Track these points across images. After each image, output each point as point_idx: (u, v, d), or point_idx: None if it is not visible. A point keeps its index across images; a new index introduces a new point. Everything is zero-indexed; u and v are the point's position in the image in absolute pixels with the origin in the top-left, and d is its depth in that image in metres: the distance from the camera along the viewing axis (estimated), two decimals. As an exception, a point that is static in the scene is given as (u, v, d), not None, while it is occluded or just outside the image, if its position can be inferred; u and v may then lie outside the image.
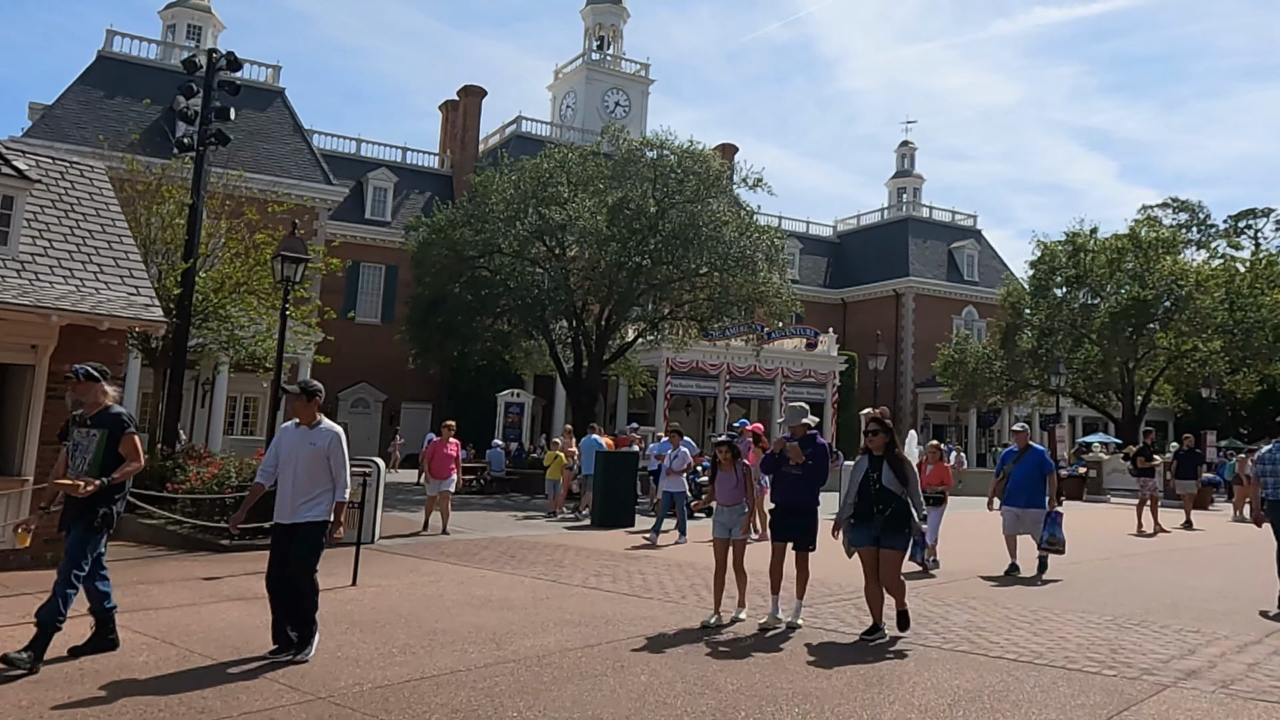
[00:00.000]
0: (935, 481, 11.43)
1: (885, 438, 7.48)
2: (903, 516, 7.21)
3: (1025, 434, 11.62)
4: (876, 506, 7.26)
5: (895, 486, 7.24)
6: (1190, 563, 12.79)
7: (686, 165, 25.13)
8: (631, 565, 11.04)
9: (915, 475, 7.48)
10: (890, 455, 7.41)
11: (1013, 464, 11.46)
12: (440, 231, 25.34)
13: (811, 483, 7.81)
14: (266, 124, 39.20)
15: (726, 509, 8.03)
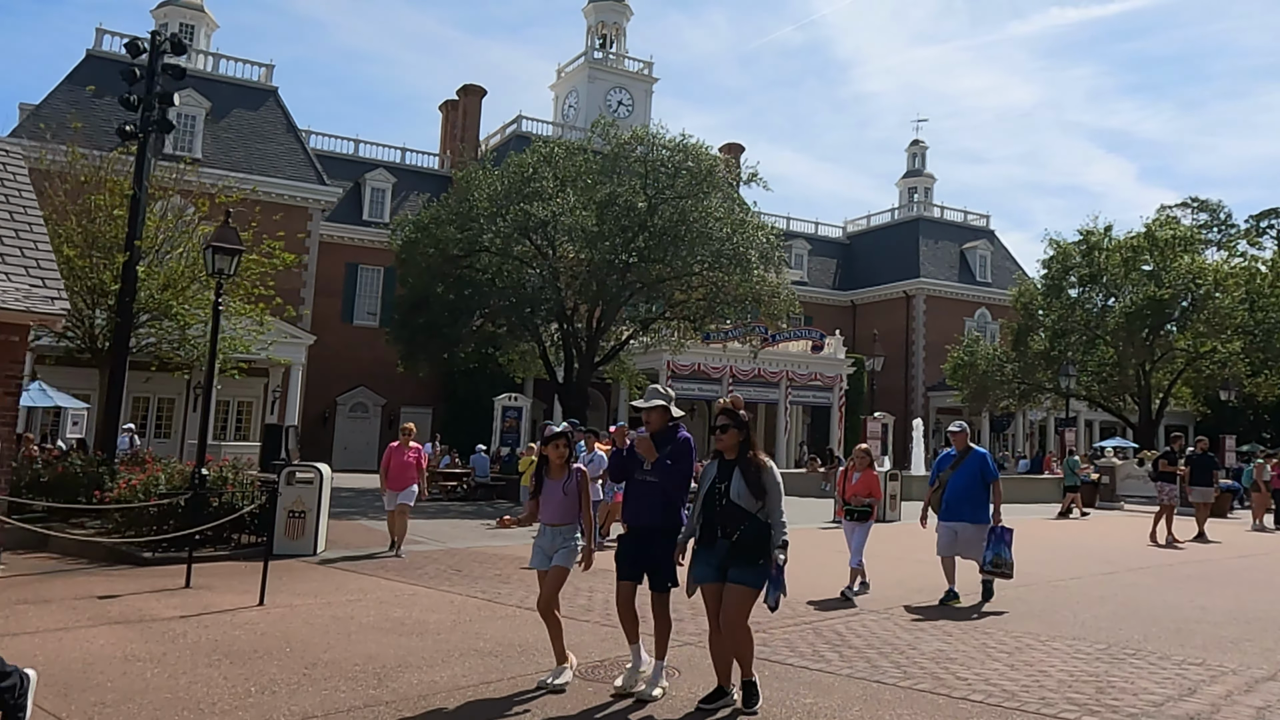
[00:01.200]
0: (862, 492, 9.93)
1: (738, 435, 5.50)
2: (756, 542, 5.36)
3: (964, 434, 9.74)
4: (722, 528, 5.40)
5: (747, 501, 5.38)
6: (1202, 578, 11.74)
7: (678, 160, 24.26)
8: (585, 581, 10.11)
9: (777, 486, 5.48)
10: (744, 460, 5.46)
11: (950, 470, 9.56)
12: (425, 230, 24.54)
13: (669, 494, 5.76)
14: (259, 123, 38.61)
15: (551, 529, 6.07)
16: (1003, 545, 9.30)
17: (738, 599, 5.34)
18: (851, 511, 10.01)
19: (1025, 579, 11.01)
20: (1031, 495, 28.57)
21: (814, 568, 11.37)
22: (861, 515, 9.93)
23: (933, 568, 9.99)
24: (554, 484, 6.11)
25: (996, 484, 9.44)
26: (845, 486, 10.14)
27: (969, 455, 9.55)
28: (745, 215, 24.48)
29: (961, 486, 9.40)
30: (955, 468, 9.52)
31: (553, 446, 6.20)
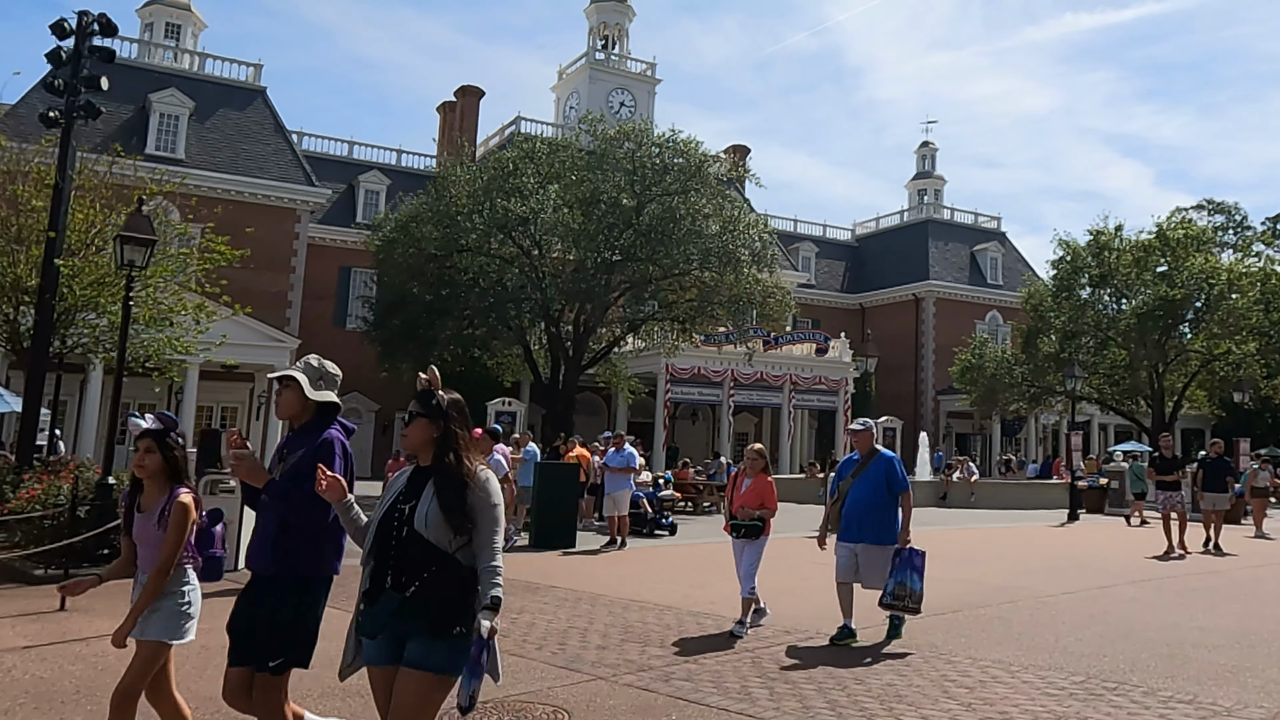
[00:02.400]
0: (752, 503, 8.11)
1: (430, 430, 3.46)
2: (446, 601, 3.28)
3: (869, 434, 7.89)
4: (394, 574, 3.32)
5: (439, 533, 3.30)
6: (1207, 593, 10.70)
7: (667, 156, 23.40)
8: (522, 600, 9.20)
9: (493, 510, 3.38)
10: (442, 469, 3.39)
11: (851, 479, 7.75)
12: (404, 228, 23.74)
13: (290, 523, 3.85)
14: (246, 123, 37.96)
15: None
16: (910, 572, 7.35)
17: (413, 694, 3.23)
18: (739, 527, 8.09)
19: (1011, 594, 10.03)
20: (1040, 501, 27.46)
21: (781, 588, 10.40)
22: (750, 532, 8.11)
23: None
24: (146, 516, 4.06)
25: (906, 496, 7.65)
26: (733, 496, 8.38)
27: (874, 461, 7.73)
28: (737, 212, 23.52)
29: (863, 499, 7.56)
30: (857, 475, 7.70)
31: (141, 453, 4.06)
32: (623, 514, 14.12)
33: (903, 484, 7.69)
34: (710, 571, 11.51)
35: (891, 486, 7.62)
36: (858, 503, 7.60)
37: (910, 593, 7.33)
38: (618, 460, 14.22)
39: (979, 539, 17.10)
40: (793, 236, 57.58)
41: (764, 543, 8.34)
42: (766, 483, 8.31)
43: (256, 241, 36.49)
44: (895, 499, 7.62)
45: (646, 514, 16.15)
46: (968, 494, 27.24)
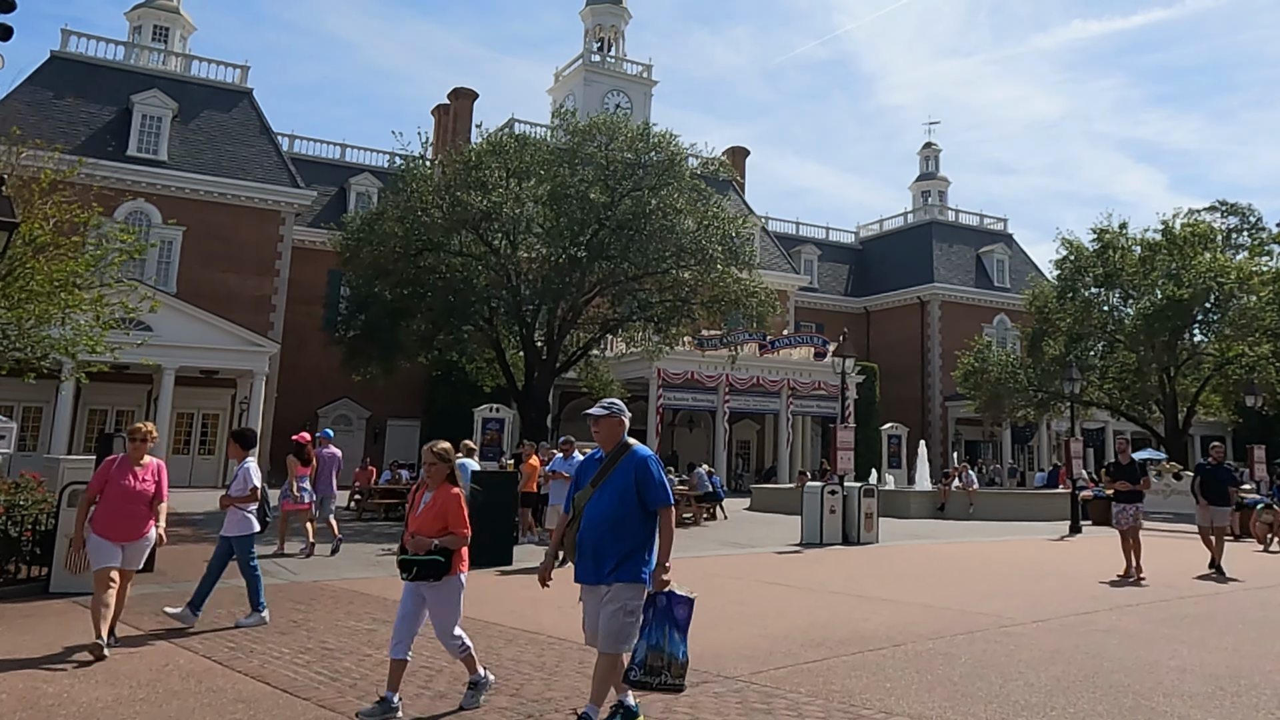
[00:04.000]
0: (429, 528, 5.54)
1: None
2: None
3: (614, 422, 5.20)
4: None
5: None
6: (1201, 620, 9.45)
7: (639, 149, 22.34)
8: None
9: None
10: None
11: (590, 487, 5.17)
12: (369, 226, 22.75)
13: None
14: (231, 125, 37.23)
15: None
16: (668, 630, 4.77)
17: None
18: (409, 564, 5.45)
19: (972, 623, 8.82)
20: (1043, 512, 26.09)
21: (718, 612, 9.23)
22: (427, 570, 5.42)
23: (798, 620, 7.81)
24: None
25: (666, 514, 5.05)
26: (409, 518, 5.78)
27: (621, 461, 5.10)
28: (714, 209, 22.38)
29: (603, 517, 5.01)
30: (598, 484, 5.11)
31: None
32: (566, 528, 12.96)
33: (659, 495, 5.03)
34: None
35: (644, 499, 5.00)
36: (595, 523, 5.01)
37: (670, 661, 4.78)
38: (564, 467, 13.09)
39: (964, 555, 15.87)
40: (795, 239, 56.37)
41: (455, 587, 5.63)
42: (452, 497, 5.63)
43: (240, 244, 35.95)
44: (650, 517, 5.05)
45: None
46: (966, 504, 25.90)
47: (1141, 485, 13.42)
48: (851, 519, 17.14)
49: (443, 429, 36.45)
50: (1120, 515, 13.30)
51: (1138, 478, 13.40)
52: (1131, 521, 13.05)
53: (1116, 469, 13.73)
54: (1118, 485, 13.46)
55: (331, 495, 14.41)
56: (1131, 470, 13.50)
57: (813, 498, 16.99)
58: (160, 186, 34.63)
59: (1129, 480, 13.37)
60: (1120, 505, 13.34)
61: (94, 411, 33.48)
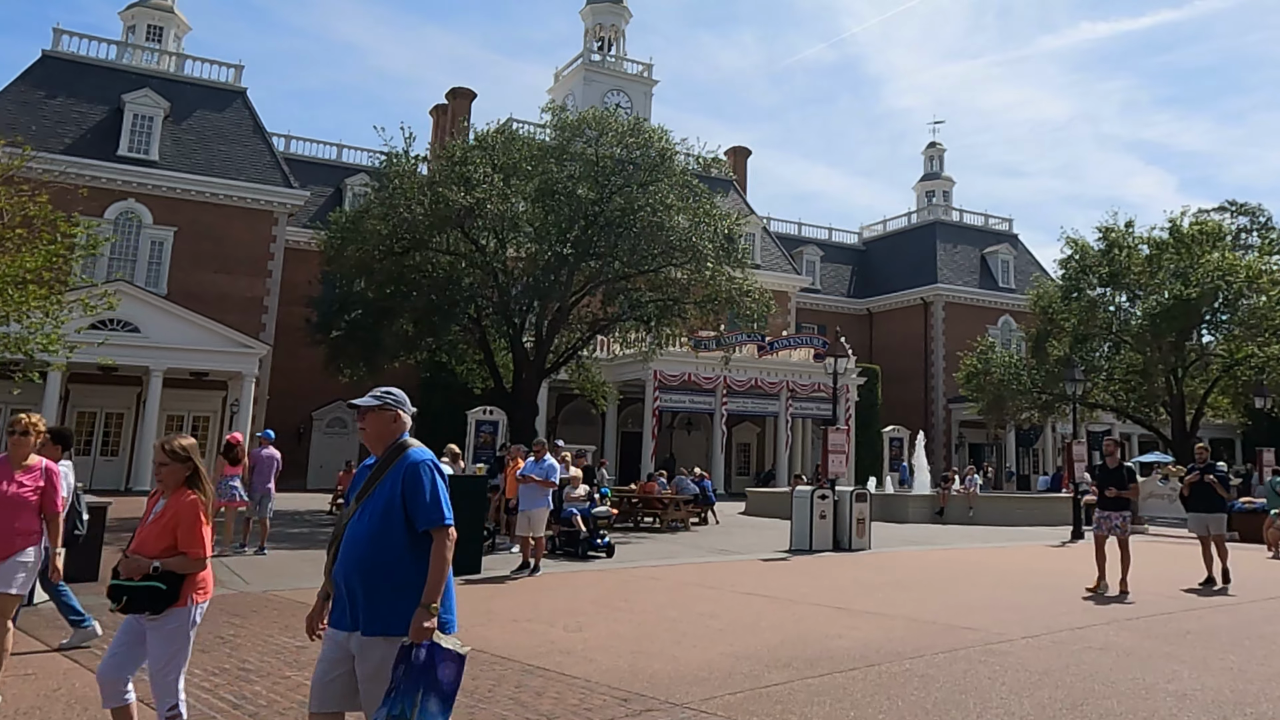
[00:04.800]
0: (153, 546, 4.34)
1: None
2: None
3: (386, 419, 3.92)
4: None
5: None
6: (1203, 637, 8.81)
7: (629, 144, 21.79)
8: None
9: None
10: None
11: (356, 502, 3.82)
12: (354, 224, 22.25)
13: None
14: (224, 125, 36.81)
15: None
16: (420, 697, 3.44)
17: None
18: (120, 591, 4.21)
19: (956, 639, 8.19)
20: (1045, 516, 25.46)
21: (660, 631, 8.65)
22: (143, 599, 4.19)
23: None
24: None
25: (440, 538, 3.71)
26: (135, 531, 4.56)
27: (391, 468, 3.81)
28: (705, 205, 21.79)
29: (360, 542, 3.70)
30: (363, 498, 3.81)
31: None
32: (538, 535, 12.38)
33: (431, 512, 3.69)
34: (611, 605, 9.77)
35: (412, 518, 3.69)
36: (349, 550, 3.69)
37: None
38: (536, 472, 12.51)
39: (958, 562, 15.22)
40: (797, 240, 55.75)
41: (182, 624, 4.28)
42: (187, 505, 4.37)
43: (232, 245, 35.47)
44: (424, 541, 3.70)
45: (580, 533, 14.41)
46: (966, 509, 25.24)
47: (1130, 491, 12.15)
48: (843, 524, 16.51)
49: (436, 431, 35.94)
50: (1103, 522, 12.04)
51: (1125, 483, 12.10)
52: (1118, 531, 11.91)
53: (1103, 473, 12.35)
54: (1105, 491, 12.13)
55: (269, 495, 14.24)
56: (1119, 474, 12.19)
57: (802, 502, 16.38)
58: (151, 187, 34.19)
59: (1116, 485, 12.09)
60: (1104, 512, 12.07)
61: (83, 414, 33.03)
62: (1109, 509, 12.01)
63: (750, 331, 36.39)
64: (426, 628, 3.50)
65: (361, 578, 3.62)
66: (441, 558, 3.66)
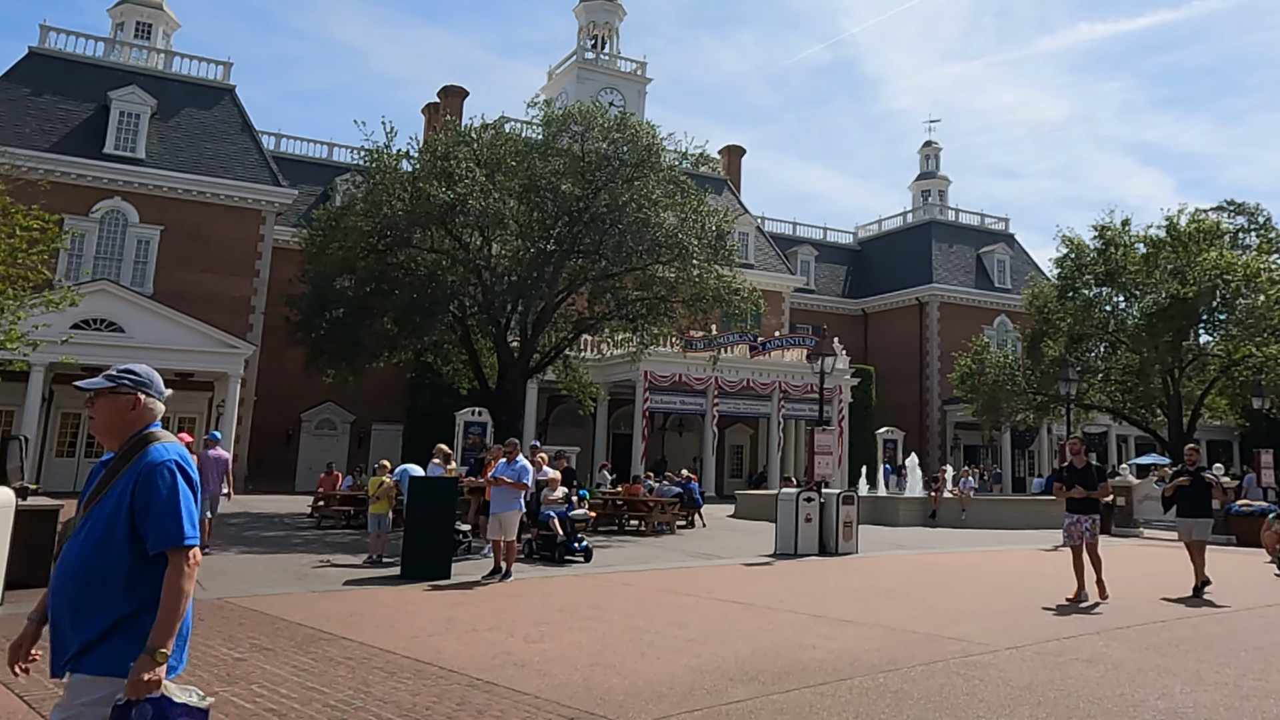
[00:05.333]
0: None
1: None
2: None
3: (118, 405, 3.11)
4: None
5: None
6: (1198, 648, 8.39)
7: (615, 138, 21.40)
8: (274, 661, 7.08)
9: None
10: None
11: (83, 510, 3.02)
12: (336, 220, 21.84)
13: None
14: (211, 122, 36.41)
15: None
16: None
17: None
18: None
19: (936, 650, 7.78)
20: (1040, 519, 25.02)
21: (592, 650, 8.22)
22: None
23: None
24: None
25: (176, 561, 2.89)
26: None
27: (126, 469, 3.00)
28: (693, 202, 21.38)
29: (79, 556, 2.90)
30: (90, 506, 3.01)
31: None
32: (510, 539, 11.96)
33: (166, 528, 2.93)
34: (579, 613, 9.35)
35: (143, 535, 2.94)
36: (65, 571, 2.93)
37: None
38: (507, 473, 12.08)
39: (946, 566, 14.81)
40: (792, 240, 55.37)
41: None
42: None
43: (219, 244, 35.04)
44: (150, 566, 2.92)
45: (556, 537, 13.99)
46: (959, 511, 24.83)
47: (1099, 493, 11.35)
48: (829, 528, 16.10)
49: (424, 433, 35.63)
50: (1072, 529, 11.29)
51: (1094, 483, 11.28)
52: (1087, 536, 11.17)
53: (1070, 473, 11.45)
54: (1071, 493, 11.30)
55: (216, 496, 14.31)
56: (1087, 475, 11.36)
57: (787, 505, 15.96)
58: (137, 185, 33.80)
59: (1084, 486, 11.27)
60: (1073, 516, 11.29)
61: (66, 415, 32.60)
62: (1077, 511, 11.29)
63: (742, 331, 36.04)
64: (148, 680, 2.72)
65: (71, 606, 2.85)
66: (177, 588, 2.85)
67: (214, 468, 14.29)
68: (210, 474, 14.10)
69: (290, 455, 40.01)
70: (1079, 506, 11.26)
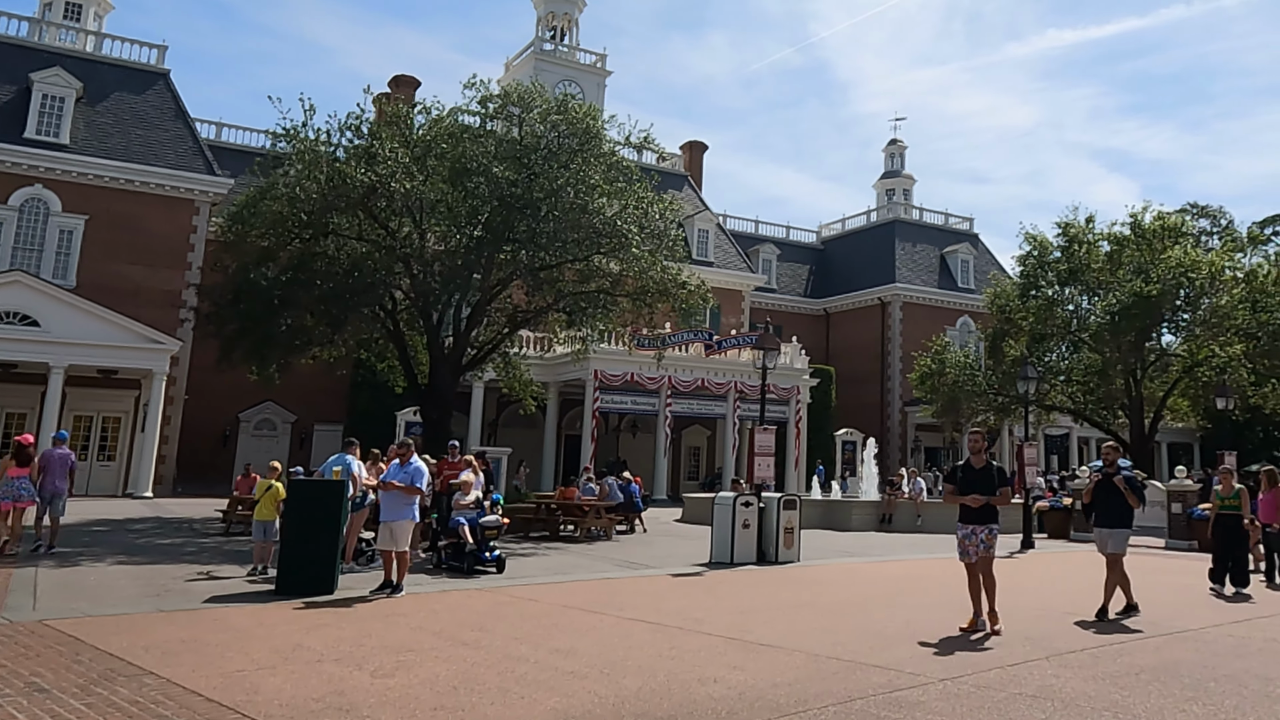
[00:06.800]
0: None
1: None
2: None
3: None
4: None
5: None
6: (1160, 677, 7.30)
7: (554, 123, 20.16)
8: (64, 703, 5.76)
9: None
10: None
11: None
12: (253, 205, 20.39)
13: None
14: (143, 108, 34.64)
15: None
16: None
17: None
18: None
19: (858, 683, 6.60)
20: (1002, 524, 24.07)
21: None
22: None
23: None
24: None
25: None
26: None
27: None
28: (637, 189, 20.17)
29: None
30: None
31: None
32: (402, 549, 10.66)
33: None
34: (458, 637, 8.07)
35: None
36: None
37: None
38: (399, 477, 10.78)
39: (890, 576, 13.69)
40: (754, 238, 54.37)
41: None
42: None
43: (148, 235, 33.27)
44: None
45: (465, 545, 12.70)
46: (914, 515, 23.80)
47: (999, 499, 9.17)
48: (769, 535, 14.94)
49: (367, 433, 34.02)
50: (965, 542, 9.17)
51: (994, 488, 9.16)
52: (982, 550, 9.11)
53: (965, 473, 9.32)
54: (965, 499, 9.17)
55: (60, 495, 14.02)
56: (986, 476, 9.21)
57: (724, 510, 14.78)
58: (60, 172, 32.02)
59: (981, 490, 9.14)
60: (966, 528, 9.19)
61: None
62: (972, 522, 9.17)
63: (697, 330, 34.94)
64: None
65: None
66: None
67: (58, 466, 13.97)
68: (54, 472, 13.87)
69: (227, 457, 38.32)
70: (974, 516, 9.16)
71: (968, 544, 9.22)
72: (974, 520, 9.19)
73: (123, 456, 31.80)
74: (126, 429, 32.26)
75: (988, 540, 9.19)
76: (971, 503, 9.13)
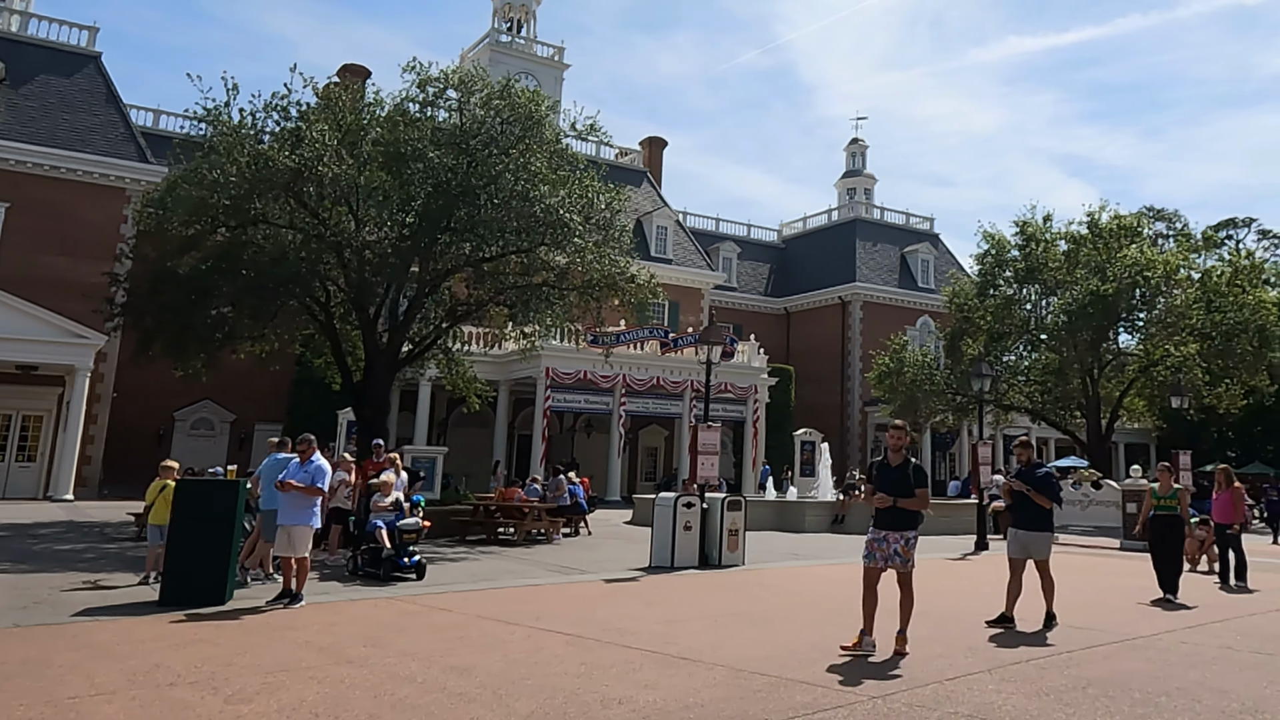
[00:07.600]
0: None
1: None
2: None
3: None
4: None
5: None
6: (1109, 691, 6.68)
7: (495, 107, 19.33)
8: None
9: None
10: None
11: None
12: (173, 191, 19.31)
13: None
14: (72, 92, 33.18)
15: None
16: None
17: None
18: None
19: (778, 703, 5.89)
20: (954, 524, 23.58)
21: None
22: None
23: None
24: None
25: None
26: None
27: None
28: (582, 177, 19.38)
29: None
30: None
31: None
32: (301, 556, 9.78)
33: None
34: (342, 655, 7.23)
35: None
36: None
37: None
38: (299, 476, 9.91)
39: (836, 581, 13.01)
40: (714, 236, 53.82)
41: None
42: None
43: (75, 224, 31.83)
44: None
45: (382, 551, 11.83)
46: (868, 517, 23.21)
47: (914, 503, 7.97)
48: (712, 537, 14.23)
49: (305, 432, 32.87)
50: (876, 549, 8.00)
51: (910, 489, 7.97)
52: (896, 561, 7.95)
53: (882, 472, 8.21)
54: (874, 500, 8.11)
55: None
56: (902, 476, 8.04)
57: (664, 512, 14.06)
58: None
59: (896, 492, 7.97)
60: (878, 533, 8.03)
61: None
62: (885, 527, 8.00)
63: (653, 327, 34.27)
64: None
65: None
66: None
67: None
68: None
69: (161, 457, 36.71)
70: (888, 520, 8.01)
71: (877, 550, 8.04)
72: (886, 526, 8.02)
73: (44, 457, 30.34)
74: (48, 428, 30.80)
75: (903, 552, 7.96)
76: (878, 503, 8.06)
